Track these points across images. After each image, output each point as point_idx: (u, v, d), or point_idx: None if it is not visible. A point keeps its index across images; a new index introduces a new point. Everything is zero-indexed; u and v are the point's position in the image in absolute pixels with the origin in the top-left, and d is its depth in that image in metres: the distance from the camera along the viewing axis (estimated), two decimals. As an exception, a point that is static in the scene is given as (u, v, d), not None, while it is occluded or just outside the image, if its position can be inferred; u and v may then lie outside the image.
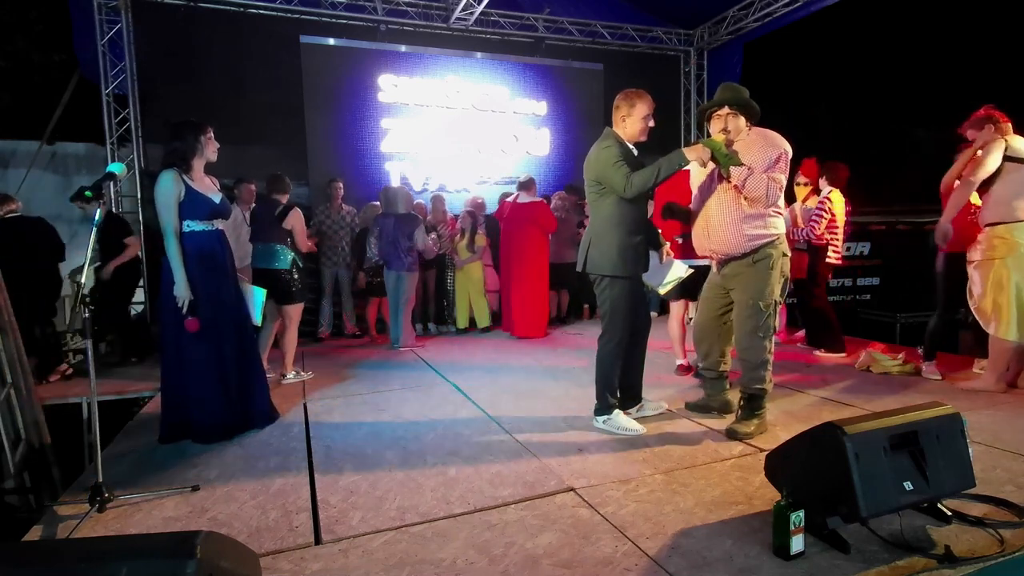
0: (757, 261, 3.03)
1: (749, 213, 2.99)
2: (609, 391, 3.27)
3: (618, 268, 3.16)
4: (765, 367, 3.08)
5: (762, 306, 3.03)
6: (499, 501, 2.43)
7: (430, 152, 7.65)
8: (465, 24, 7.45)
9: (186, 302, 3.10)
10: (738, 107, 3.02)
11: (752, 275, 3.05)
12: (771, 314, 3.05)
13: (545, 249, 6.38)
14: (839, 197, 5.00)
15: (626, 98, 3.17)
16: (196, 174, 3.25)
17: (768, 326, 3.05)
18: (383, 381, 4.56)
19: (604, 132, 3.26)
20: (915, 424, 2.05)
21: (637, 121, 3.15)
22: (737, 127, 3.03)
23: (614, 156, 3.08)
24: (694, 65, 8.92)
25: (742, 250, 3.04)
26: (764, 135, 3.05)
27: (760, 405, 3.15)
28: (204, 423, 3.22)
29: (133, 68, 6.50)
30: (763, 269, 3.02)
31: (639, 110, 3.13)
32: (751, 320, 3.05)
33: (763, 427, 3.16)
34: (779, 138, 3.04)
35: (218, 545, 1.51)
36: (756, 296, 3.04)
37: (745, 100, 3.04)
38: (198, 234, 3.20)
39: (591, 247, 3.23)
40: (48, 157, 8.19)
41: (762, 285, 3.02)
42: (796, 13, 7.37)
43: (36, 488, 3.74)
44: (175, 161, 3.18)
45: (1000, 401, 3.62)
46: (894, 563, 1.91)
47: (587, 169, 3.25)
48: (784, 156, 2.99)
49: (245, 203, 5.40)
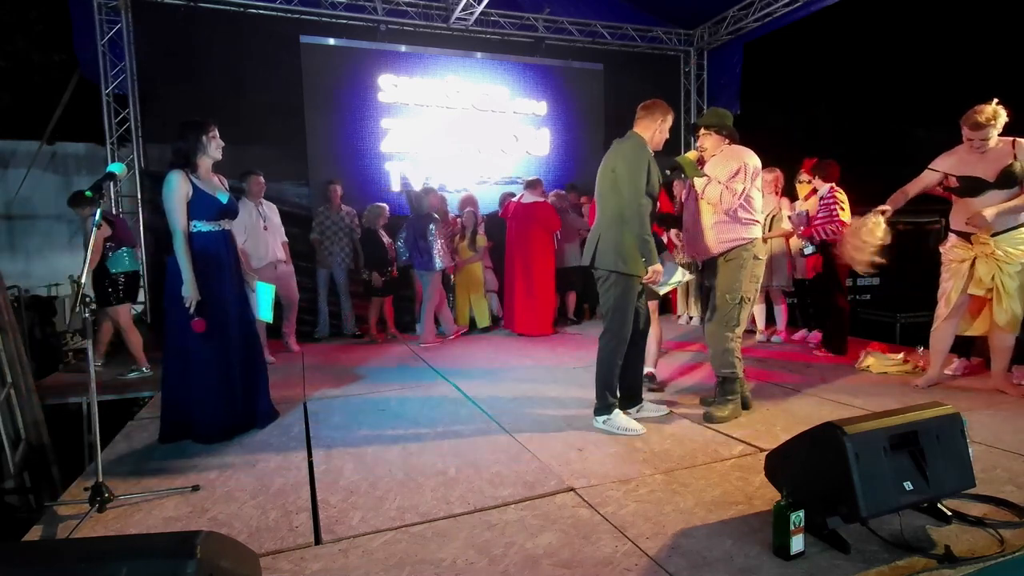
0: (728, 260, 3.38)
1: (719, 220, 3.37)
2: (609, 390, 3.27)
3: (622, 265, 3.17)
4: (730, 354, 3.39)
5: (728, 298, 3.37)
6: (499, 501, 2.43)
7: (430, 152, 7.64)
8: (465, 24, 7.44)
9: (194, 302, 3.11)
10: (714, 128, 3.45)
11: (723, 271, 3.40)
12: (736, 307, 3.36)
13: (549, 248, 6.44)
14: (843, 195, 5.02)
15: (660, 107, 3.30)
16: (203, 173, 3.25)
17: (732, 317, 3.38)
18: (383, 381, 4.56)
19: (630, 134, 3.30)
20: (915, 424, 2.05)
21: (665, 131, 3.34)
22: (712, 144, 3.46)
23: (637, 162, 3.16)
24: (694, 65, 8.92)
25: (715, 252, 3.41)
26: (732, 151, 3.41)
27: (732, 390, 3.43)
28: (206, 423, 3.21)
29: (133, 68, 6.50)
30: (733, 268, 3.36)
31: (668, 122, 3.34)
32: (717, 311, 3.42)
33: (737, 412, 3.43)
34: (744, 153, 3.38)
35: (218, 545, 1.51)
36: (724, 289, 3.38)
37: (719, 123, 3.45)
38: (205, 234, 3.20)
39: (600, 241, 3.27)
40: (48, 157, 8.20)
41: (731, 281, 3.36)
42: (796, 13, 7.37)
43: (36, 488, 3.74)
44: (180, 161, 3.17)
45: (1000, 401, 3.62)
46: (894, 563, 1.91)
47: (607, 163, 3.29)
48: (742, 168, 3.31)
49: (255, 196, 5.33)
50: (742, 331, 3.46)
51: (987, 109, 3.50)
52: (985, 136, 3.52)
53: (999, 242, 3.56)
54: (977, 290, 3.67)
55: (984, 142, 3.54)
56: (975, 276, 3.67)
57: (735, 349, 3.40)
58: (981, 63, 12.50)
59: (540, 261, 6.31)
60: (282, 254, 5.44)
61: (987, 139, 3.53)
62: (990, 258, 3.60)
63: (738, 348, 3.43)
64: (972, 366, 4.31)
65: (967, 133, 3.59)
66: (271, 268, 5.25)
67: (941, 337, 3.91)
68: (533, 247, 6.30)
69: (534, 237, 6.29)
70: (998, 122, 3.51)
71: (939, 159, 3.77)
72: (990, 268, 3.60)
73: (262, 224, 5.27)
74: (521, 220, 6.32)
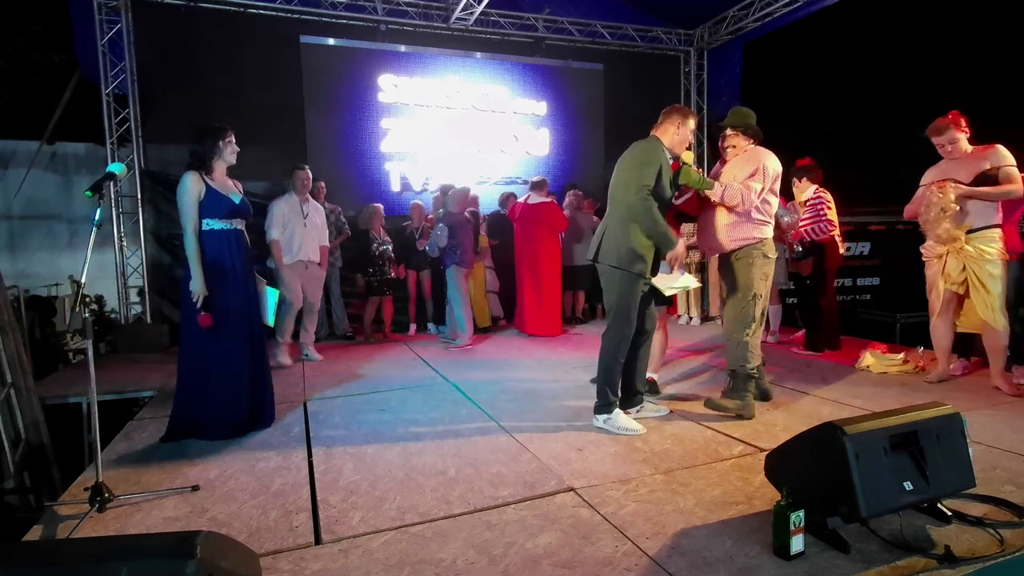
0: (739, 258, 3.48)
1: (732, 221, 3.47)
2: (610, 387, 3.27)
3: (627, 263, 3.18)
4: (744, 348, 3.44)
5: (741, 296, 3.47)
6: (499, 501, 2.43)
7: (430, 152, 7.65)
8: (465, 24, 7.44)
9: (201, 298, 3.18)
10: (740, 129, 3.53)
11: (735, 269, 3.51)
12: (750, 303, 3.44)
13: (556, 248, 6.47)
14: (828, 195, 5.07)
15: (678, 111, 3.33)
16: (217, 175, 3.35)
17: (747, 313, 3.45)
18: (383, 381, 4.56)
19: (649, 138, 3.33)
20: (915, 424, 2.05)
21: (686, 134, 3.34)
22: (740, 143, 3.55)
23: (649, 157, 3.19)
24: (694, 65, 8.92)
25: (727, 249, 3.52)
26: (752, 153, 3.51)
27: (743, 387, 3.45)
28: (214, 422, 3.25)
29: (133, 68, 6.50)
30: (744, 265, 3.46)
31: (690, 125, 3.34)
32: (733, 307, 3.53)
33: (743, 409, 3.40)
34: (764, 155, 3.47)
35: (218, 545, 1.51)
36: (737, 287, 3.50)
37: (744, 124, 3.53)
38: (218, 232, 3.28)
39: (605, 236, 3.29)
40: (48, 157, 8.18)
41: (743, 278, 3.47)
42: (796, 13, 7.37)
43: (36, 488, 3.74)
44: (196, 163, 3.29)
45: (1000, 401, 3.62)
46: (894, 563, 1.91)
47: (621, 161, 3.33)
48: (760, 169, 3.40)
49: (301, 192, 5.13)
50: (759, 327, 3.52)
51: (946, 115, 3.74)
52: (952, 139, 3.71)
53: (971, 239, 3.67)
54: (949, 285, 3.80)
55: (953, 144, 3.71)
56: (945, 271, 3.80)
57: (750, 344, 3.45)
58: (981, 63, 12.50)
59: (547, 262, 6.35)
60: (316, 255, 5.22)
61: (954, 140, 3.71)
62: (960, 254, 3.72)
63: (755, 343, 3.48)
64: (972, 366, 4.32)
65: (935, 141, 3.79)
66: (301, 266, 5.11)
67: (939, 334, 4.00)
68: (539, 248, 6.31)
69: (540, 238, 6.30)
70: (959, 124, 3.70)
71: (925, 174, 3.92)
72: (959, 263, 3.74)
73: (302, 220, 5.09)
74: (527, 222, 6.33)
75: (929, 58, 12.72)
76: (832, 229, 5.00)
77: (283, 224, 5.01)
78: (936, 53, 12.65)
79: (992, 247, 3.66)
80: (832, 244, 5.04)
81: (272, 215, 5.01)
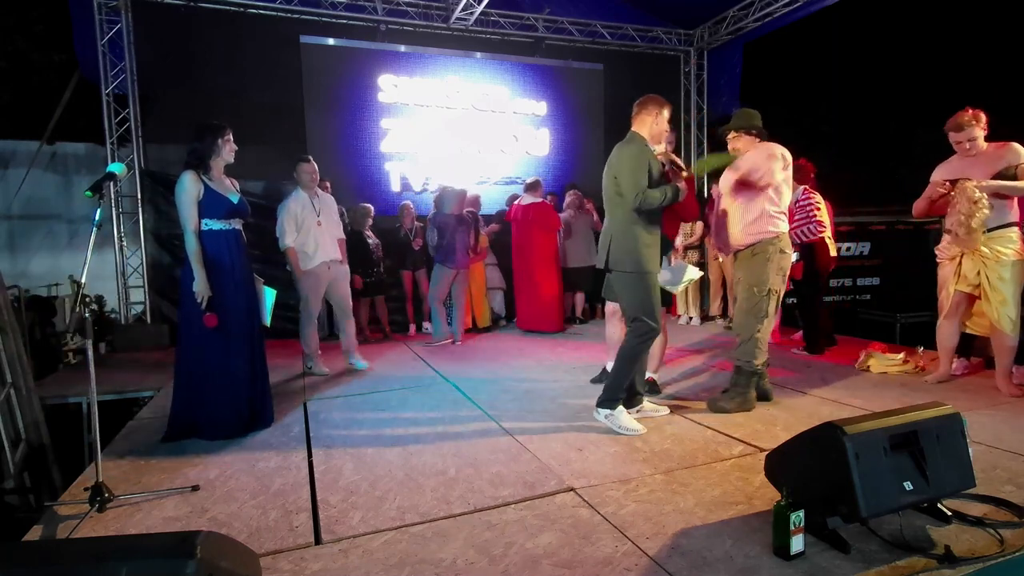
0: (756, 253, 3.52)
1: (749, 218, 3.53)
2: (620, 384, 3.28)
3: (642, 264, 3.21)
4: (755, 344, 3.49)
5: (756, 291, 3.50)
6: (499, 501, 2.43)
7: (430, 152, 7.64)
8: (465, 24, 7.44)
9: (205, 298, 3.17)
10: (744, 130, 3.62)
11: (750, 265, 3.55)
12: (764, 299, 3.48)
13: (551, 247, 6.53)
14: (818, 195, 5.05)
15: (654, 101, 3.31)
16: (215, 174, 3.34)
17: (760, 308, 3.48)
18: (383, 381, 4.56)
19: (630, 135, 3.32)
20: (915, 424, 2.05)
21: (664, 123, 3.33)
22: (744, 144, 3.64)
23: (637, 162, 3.19)
24: (694, 65, 8.92)
25: (744, 243, 3.57)
26: (764, 146, 3.59)
27: (745, 382, 3.52)
28: (215, 422, 3.25)
29: (133, 68, 6.50)
30: (760, 260, 3.50)
31: (666, 114, 3.33)
32: (746, 302, 3.56)
33: (745, 406, 3.50)
34: (776, 146, 3.56)
35: (218, 545, 1.51)
36: (752, 282, 3.52)
37: (748, 124, 3.61)
38: (216, 232, 3.28)
39: (612, 244, 3.29)
40: (48, 157, 8.19)
41: (758, 273, 3.50)
42: (796, 13, 7.37)
43: (36, 488, 3.74)
44: (194, 162, 3.27)
45: (1000, 401, 3.62)
46: (894, 563, 1.91)
47: (609, 167, 3.33)
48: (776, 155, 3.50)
49: (308, 186, 4.71)
50: (771, 323, 3.55)
51: (966, 111, 3.63)
52: (971, 136, 3.62)
53: (988, 240, 3.62)
54: (963, 287, 3.76)
55: (972, 142, 3.62)
56: (961, 273, 3.76)
57: (760, 340, 3.50)
58: (981, 63, 12.49)
59: (542, 260, 6.45)
60: (337, 253, 4.79)
61: (974, 138, 3.62)
62: (976, 255, 3.67)
63: (765, 340, 3.53)
64: (972, 366, 4.32)
65: (954, 137, 3.69)
66: (324, 268, 4.70)
67: (945, 335, 3.99)
68: (534, 248, 6.43)
69: (535, 238, 6.43)
70: (980, 120, 3.61)
71: (936, 169, 3.86)
72: (975, 265, 3.69)
73: (315, 219, 4.66)
74: (521, 223, 6.47)
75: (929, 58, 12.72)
76: (822, 231, 4.97)
77: (296, 226, 4.61)
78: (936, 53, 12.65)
79: (1009, 248, 3.60)
80: (823, 245, 5.01)
81: (283, 220, 4.61)
